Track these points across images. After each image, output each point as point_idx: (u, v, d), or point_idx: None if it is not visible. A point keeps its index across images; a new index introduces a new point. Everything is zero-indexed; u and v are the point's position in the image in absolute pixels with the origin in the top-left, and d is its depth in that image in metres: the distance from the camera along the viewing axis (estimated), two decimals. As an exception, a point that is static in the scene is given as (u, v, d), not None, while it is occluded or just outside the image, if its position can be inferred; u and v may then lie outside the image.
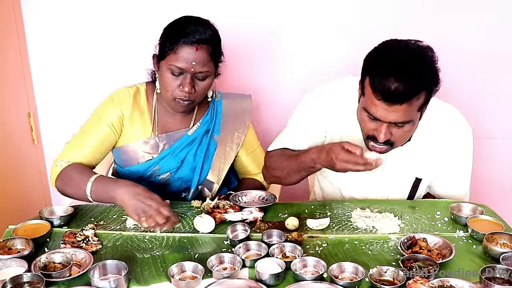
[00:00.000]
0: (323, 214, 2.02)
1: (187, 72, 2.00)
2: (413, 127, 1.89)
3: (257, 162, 2.37)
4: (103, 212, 2.05)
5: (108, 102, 2.17)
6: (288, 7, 2.89)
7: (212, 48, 2.02)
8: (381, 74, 1.75)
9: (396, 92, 1.72)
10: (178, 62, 1.98)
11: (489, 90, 2.94)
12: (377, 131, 1.86)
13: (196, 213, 2.00)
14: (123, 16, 2.91)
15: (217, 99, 2.30)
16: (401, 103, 1.75)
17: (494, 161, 3.03)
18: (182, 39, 1.98)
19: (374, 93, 1.78)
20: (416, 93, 1.75)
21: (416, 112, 1.83)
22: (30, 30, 2.97)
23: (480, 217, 1.90)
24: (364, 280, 1.57)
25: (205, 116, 2.26)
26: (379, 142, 1.88)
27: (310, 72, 2.98)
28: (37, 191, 3.16)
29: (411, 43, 1.80)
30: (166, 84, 2.04)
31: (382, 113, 1.80)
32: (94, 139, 2.12)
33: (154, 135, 2.19)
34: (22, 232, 1.82)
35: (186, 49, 1.97)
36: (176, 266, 1.63)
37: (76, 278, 1.58)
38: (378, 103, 1.78)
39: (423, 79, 1.76)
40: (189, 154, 2.23)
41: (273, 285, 1.56)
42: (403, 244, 1.74)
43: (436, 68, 1.80)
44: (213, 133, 2.27)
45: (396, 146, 1.94)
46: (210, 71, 2.04)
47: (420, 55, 1.77)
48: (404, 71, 1.72)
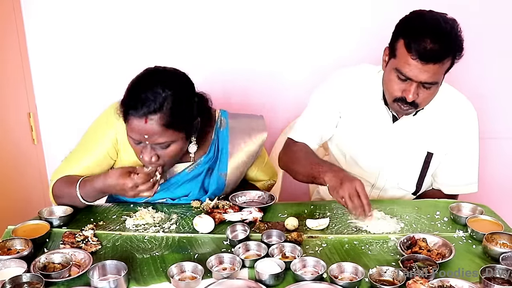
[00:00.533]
0: (323, 214, 2.03)
1: (144, 142, 1.85)
2: (436, 90, 2.02)
3: (266, 173, 2.33)
4: (103, 212, 2.05)
5: (103, 123, 2.05)
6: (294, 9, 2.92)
7: (167, 117, 1.81)
8: (417, 35, 1.89)
9: (432, 51, 1.86)
10: (132, 133, 1.85)
11: (489, 91, 2.96)
12: (406, 91, 1.97)
13: (196, 213, 2.00)
14: (123, 16, 2.92)
15: (222, 128, 2.14)
16: (434, 62, 1.88)
17: (494, 161, 3.04)
18: (130, 110, 1.81)
19: (409, 52, 1.90)
20: (448, 55, 1.90)
21: (443, 75, 1.97)
22: (30, 31, 2.97)
23: (480, 217, 1.91)
24: (363, 280, 1.57)
25: (207, 154, 2.11)
26: (405, 103, 2.00)
27: (310, 72, 3.01)
28: (36, 192, 3.16)
29: (440, 13, 1.95)
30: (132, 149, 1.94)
31: (415, 72, 1.91)
32: (89, 161, 2.04)
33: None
34: (21, 233, 1.82)
35: (135, 122, 1.81)
36: (176, 266, 1.63)
37: (76, 278, 1.58)
38: (412, 62, 1.90)
39: (453, 43, 1.91)
40: (193, 189, 2.12)
41: (272, 285, 1.56)
42: (403, 244, 1.74)
43: (462, 37, 1.95)
44: (219, 170, 2.13)
45: (420, 107, 2.05)
46: (171, 140, 1.86)
47: (450, 23, 1.91)
48: (438, 33, 1.88)
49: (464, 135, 2.19)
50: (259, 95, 3.05)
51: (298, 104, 2.59)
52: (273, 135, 2.80)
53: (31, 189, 3.14)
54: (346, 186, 1.86)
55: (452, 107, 2.17)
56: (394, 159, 2.23)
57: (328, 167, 2.00)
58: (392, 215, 1.99)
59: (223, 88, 2.93)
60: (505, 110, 3.01)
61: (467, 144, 2.21)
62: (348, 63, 2.27)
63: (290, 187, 2.79)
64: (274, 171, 2.40)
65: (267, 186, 2.36)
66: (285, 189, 2.67)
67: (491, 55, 2.90)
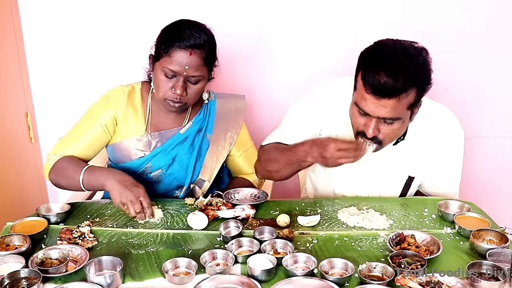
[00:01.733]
0: (314, 211, 2.04)
1: (180, 76, 2.03)
2: (402, 126, 1.91)
3: (250, 162, 2.38)
4: (99, 209, 2.08)
5: (103, 101, 2.22)
6: (280, 9, 2.91)
7: (206, 53, 2.04)
8: (373, 68, 1.79)
9: (385, 86, 1.75)
10: (171, 65, 2.01)
11: (477, 89, 2.97)
12: (366, 126, 1.88)
13: (190, 210, 2.03)
14: (120, 15, 2.91)
15: (211, 99, 2.33)
16: (389, 97, 1.77)
17: (480, 160, 3.05)
18: (176, 43, 2.00)
19: (364, 86, 1.81)
20: (405, 89, 1.77)
21: (406, 110, 1.84)
22: (28, 31, 2.97)
23: (467, 214, 1.93)
24: (353, 275, 1.59)
25: (198, 115, 2.28)
26: (367, 138, 1.89)
27: (302, 72, 3.01)
28: (34, 189, 3.17)
29: (406, 42, 1.84)
30: (159, 85, 2.08)
31: (371, 107, 1.82)
32: (87, 137, 2.18)
33: (147, 133, 2.23)
34: (19, 229, 1.84)
35: (180, 53, 2.00)
36: (170, 262, 1.65)
37: (73, 273, 1.60)
38: (367, 97, 1.81)
39: (413, 76, 1.77)
40: (181, 152, 2.26)
41: (264, 281, 1.58)
42: (392, 240, 1.76)
43: (428, 69, 1.83)
44: (205, 132, 2.30)
45: (384, 144, 1.94)
46: (203, 76, 2.07)
47: (413, 54, 1.80)
48: (394, 66, 1.76)
49: (450, 156, 2.14)
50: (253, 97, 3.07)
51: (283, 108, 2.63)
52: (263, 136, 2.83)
53: (28, 187, 3.15)
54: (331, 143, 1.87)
55: (437, 130, 2.10)
56: (374, 183, 2.19)
57: (308, 144, 1.97)
58: (381, 212, 2.01)
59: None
60: (490, 109, 3.01)
61: (452, 163, 2.16)
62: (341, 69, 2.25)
63: (281, 185, 2.81)
64: None
65: (258, 181, 2.41)
66: (276, 186, 2.68)
67: (476, 55, 2.90)
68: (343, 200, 2.15)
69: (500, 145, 3.09)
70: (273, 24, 2.94)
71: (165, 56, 2.02)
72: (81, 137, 2.18)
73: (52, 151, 2.18)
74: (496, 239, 1.77)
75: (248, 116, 2.35)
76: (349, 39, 2.88)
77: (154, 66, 2.11)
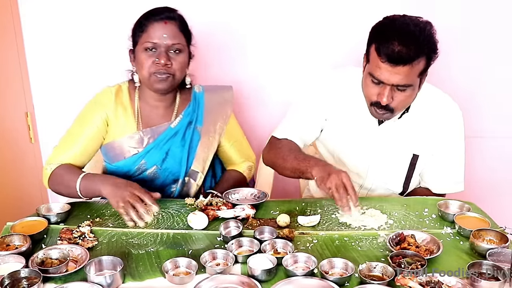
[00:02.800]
0: (314, 211, 2.05)
1: (160, 47, 2.09)
2: (413, 93, 2.03)
3: (240, 152, 2.43)
4: (99, 209, 2.08)
5: (92, 105, 2.25)
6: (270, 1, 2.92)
7: (180, 23, 2.13)
8: (386, 39, 1.92)
9: (400, 54, 1.89)
10: (150, 38, 2.09)
11: (477, 90, 2.98)
12: (380, 95, 2.00)
13: (190, 210, 2.03)
14: (120, 15, 2.90)
15: (198, 91, 2.35)
16: (403, 64, 1.90)
17: (480, 160, 3.05)
18: (151, 17, 2.10)
19: (379, 56, 1.94)
20: (417, 56, 1.91)
21: (416, 77, 1.97)
22: (28, 30, 2.97)
23: (467, 214, 1.93)
24: (353, 275, 1.59)
25: (187, 108, 2.30)
26: (380, 107, 2.03)
27: (292, 64, 3.02)
28: (34, 189, 3.17)
29: (413, 17, 1.97)
30: (142, 63, 2.12)
31: (386, 75, 1.95)
32: (80, 143, 2.20)
33: (138, 129, 2.25)
34: (19, 229, 1.84)
35: (155, 25, 2.09)
36: (170, 262, 1.65)
37: (73, 273, 1.60)
38: (382, 65, 1.94)
39: (423, 44, 1.92)
40: (174, 146, 2.27)
41: (264, 281, 1.58)
42: (392, 240, 1.77)
43: (435, 39, 1.96)
44: (196, 124, 2.32)
45: (396, 112, 2.07)
46: (182, 45, 2.13)
47: (421, 26, 1.94)
48: (406, 36, 1.91)
49: (450, 136, 2.21)
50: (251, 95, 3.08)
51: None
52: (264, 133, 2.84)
53: (29, 187, 3.15)
54: (333, 178, 1.88)
55: (437, 109, 2.19)
56: (380, 161, 2.25)
57: (315, 162, 2.03)
58: (382, 212, 2.01)
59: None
60: (490, 109, 3.02)
61: (453, 144, 2.23)
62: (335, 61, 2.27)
63: (281, 185, 2.82)
64: (251, 153, 2.50)
65: (247, 168, 2.43)
66: (276, 186, 2.69)
67: (477, 54, 2.91)
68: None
69: (500, 145, 3.09)
70: (262, 15, 2.94)
71: (143, 34, 2.11)
72: (74, 144, 2.20)
73: (48, 160, 2.20)
74: (496, 239, 1.77)
75: (238, 107, 2.36)
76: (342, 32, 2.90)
77: (135, 53, 2.17)
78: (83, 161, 2.23)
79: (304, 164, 2.04)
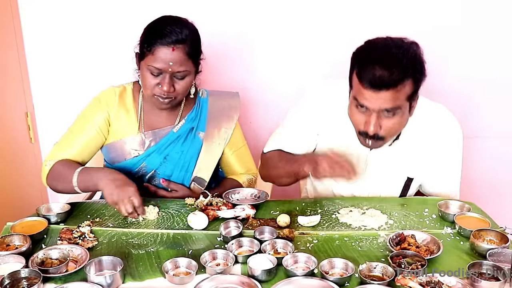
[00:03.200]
0: (314, 211, 2.05)
1: (165, 72, 2.03)
2: (402, 119, 1.93)
3: (242, 162, 2.39)
4: (99, 209, 2.08)
5: (95, 103, 2.23)
6: (277, 9, 2.92)
7: (189, 48, 2.04)
8: (367, 63, 1.83)
9: (381, 78, 1.80)
10: (155, 62, 2.02)
11: (476, 90, 2.98)
12: (367, 123, 1.91)
13: (190, 210, 2.03)
14: (120, 15, 2.92)
15: (203, 96, 2.32)
16: (387, 88, 1.81)
17: (480, 159, 3.06)
18: (158, 39, 2.01)
19: (360, 82, 1.85)
20: (401, 80, 1.81)
21: (405, 101, 1.87)
22: (28, 30, 2.97)
23: (467, 214, 1.93)
24: (353, 275, 1.59)
25: (190, 113, 2.28)
26: (370, 137, 1.93)
27: (300, 71, 3.02)
28: (34, 189, 3.18)
29: (396, 38, 1.88)
30: (145, 82, 2.08)
31: (370, 101, 1.86)
32: (81, 141, 2.19)
33: (140, 132, 2.23)
34: (19, 229, 1.84)
35: (162, 50, 2.00)
36: (170, 262, 1.65)
37: (73, 273, 1.60)
38: (365, 91, 1.84)
39: (407, 67, 1.82)
40: (173, 151, 2.25)
41: (265, 281, 1.58)
42: (392, 240, 1.76)
43: (421, 59, 1.87)
44: (197, 130, 2.28)
45: (386, 140, 1.98)
46: (189, 70, 2.07)
47: (404, 47, 1.84)
48: (388, 59, 1.81)
49: (448, 155, 2.15)
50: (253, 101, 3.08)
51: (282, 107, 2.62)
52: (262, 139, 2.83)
53: (29, 187, 3.15)
54: (321, 162, 1.88)
55: (435, 128, 2.11)
56: (373, 184, 2.20)
57: (305, 158, 2.00)
58: (382, 212, 2.01)
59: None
60: (489, 109, 3.02)
61: (451, 163, 2.17)
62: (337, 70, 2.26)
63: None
64: (252, 165, 2.46)
65: (247, 181, 2.39)
66: (277, 186, 2.68)
67: (476, 54, 2.91)
68: (343, 200, 2.16)
69: (500, 145, 3.10)
70: (269, 23, 2.95)
71: (149, 54, 2.03)
72: (75, 141, 2.19)
73: (48, 157, 2.19)
74: (496, 239, 1.77)
75: (245, 115, 2.35)
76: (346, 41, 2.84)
77: (140, 65, 2.13)
78: (83, 159, 2.21)
79: (296, 165, 2.03)
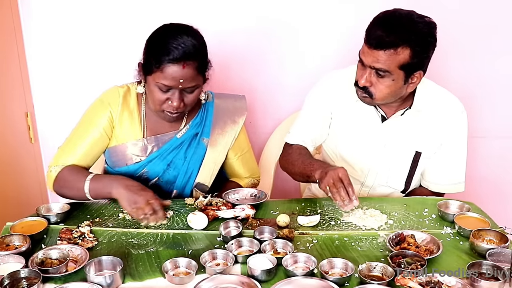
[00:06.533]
0: (314, 211, 2.05)
1: (175, 89, 1.98)
2: (393, 85, 2.05)
3: (246, 166, 2.38)
4: (99, 209, 2.08)
5: (98, 104, 2.17)
6: (281, 8, 2.91)
7: (199, 63, 1.98)
8: (375, 22, 2.01)
9: (379, 38, 1.96)
10: (165, 80, 1.95)
11: (477, 89, 2.98)
12: (361, 76, 2.07)
13: (190, 210, 2.03)
14: (120, 15, 2.91)
15: (208, 100, 2.27)
16: (382, 49, 1.96)
17: (480, 159, 3.06)
18: (167, 57, 1.93)
19: (365, 38, 2.03)
20: (396, 44, 1.95)
21: (397, 68, 1.99)
22: (28, 30, 2.97)
23: (467, 214, 1.94)
24: (353, 275, 1.59)
25: (195, 118, 2.23)
26: (360, 88, 2.09)
27: (302, 72, 3.02)
28: (34, 189, 3.17)
29: (419, 14, 2.00)
30: (154, 98, 2.03)
31: (366, 56, 2.02)
32: (86, 144, 2.13)
33: (143, 137, 2.19)
34: (19, 229, 1.84)
35: (172, 68, 1.93)
36: (170, 262, 1.65)
37: (73, 273, 1.60)
38: (365, 48, 2.02)
39: (407, 35, 1.95)
40: (177, 158, 2.22)
41: (264, 281, 1.58)
42: (392, 240, 1.77)
43: (428, 36, 1.99)
44: (202, 136, 2.24)
45: (375, 100, 2.10)
46: (199, 84, 2.03)
47: (415, 20, 1.98)
48: (391, 23, 1.97)
49: (454, 135, 2.22)
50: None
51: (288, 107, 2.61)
52: (263, 136, 2.84)
53: (28, 187, 3.15)
54: (330, 174, 1.92)
55: (443, 107, 2.20)
56: (383, 158, 2.26)
57: (318, 165, 2.08)
58: (381, 212, 2.01)
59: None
60: (492, 109, 3.02)
61: (456, 144, 2.24)
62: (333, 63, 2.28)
63: (281, 185, 2.82)
64: (256, 169, 2.45)
65: (250, 185, 2.38)
66: (276, 186, 2.68)
67: (480, 54, 2.92)
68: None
69: (500, 145, 3.10)
70: (274, 24, 2.94)
71: (157, 71, 1.96)
72: (80, 144, 2.13)
73: (52, 162, 2.13)
74: (496, 239, 1.78)
75: (248, 116, 2.34)
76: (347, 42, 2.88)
77: (146, 78, 2.05)
78: (88, 163, 2.16)
79: (309, 168, 2.10)
